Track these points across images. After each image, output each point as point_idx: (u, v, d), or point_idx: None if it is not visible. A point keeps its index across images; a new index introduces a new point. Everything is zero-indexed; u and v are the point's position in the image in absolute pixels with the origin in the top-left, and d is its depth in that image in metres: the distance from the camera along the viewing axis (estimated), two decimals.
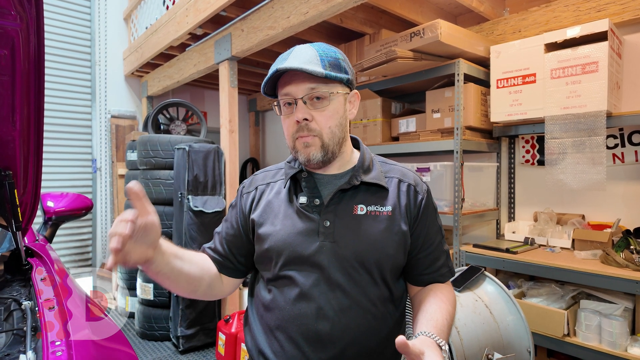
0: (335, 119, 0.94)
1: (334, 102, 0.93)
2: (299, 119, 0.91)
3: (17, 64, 0.95)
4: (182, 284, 0.93)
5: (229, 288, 1.07)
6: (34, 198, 1.22)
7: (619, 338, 1.81)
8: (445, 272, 1.04)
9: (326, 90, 0.91)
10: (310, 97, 0.91)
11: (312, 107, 0.91)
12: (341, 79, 0.92)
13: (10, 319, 0.92)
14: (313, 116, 0.92)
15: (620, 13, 2.22)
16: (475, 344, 1.53)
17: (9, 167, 1.10)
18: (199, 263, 0.98)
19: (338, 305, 0.91)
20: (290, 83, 0.91)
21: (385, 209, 0.96)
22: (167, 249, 0.87)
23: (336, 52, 0.96)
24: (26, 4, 0.89)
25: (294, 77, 0.91)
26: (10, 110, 1.00)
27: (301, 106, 0.91)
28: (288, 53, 0.94)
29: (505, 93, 2.38)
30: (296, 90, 0.91)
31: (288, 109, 0.94)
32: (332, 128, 0.93)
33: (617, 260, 1.89)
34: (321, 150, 0.93)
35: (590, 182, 2.12)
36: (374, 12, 2.91)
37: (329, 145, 0.94)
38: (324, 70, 0.89)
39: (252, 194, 1.06)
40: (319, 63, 0.90)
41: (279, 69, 0.88)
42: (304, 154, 0.94)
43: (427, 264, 1.01)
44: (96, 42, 4.38)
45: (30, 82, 0.98)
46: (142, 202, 0.76)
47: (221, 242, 1.07)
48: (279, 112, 0.97)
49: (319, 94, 0.91)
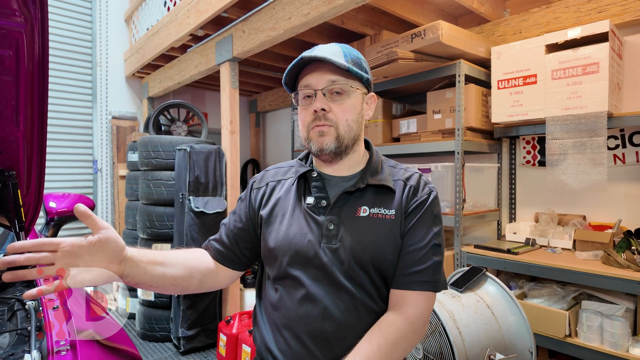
0: (352, 113, 0.96)
1: (352, 97, 0.95)
2: (317, 108, 0.93)
3: (22, 65, 0.95)
4: (169, 287, 0.93)
5: (227, 280, 1.07)
6: (37, 198, 1.22)
7: (620, 339, 1.81)
8: (422, 280, 0.93)
9: (346, 84, 0.93)
10: (330, 91, 0.93)
11: (331, 100, 0.94)
12: (361, 77, 0.95)
13: (13, 319, 0.92)
14: (331, 107, 0.94)
15: (620, 14, 2.22)
16: (477, 345, 1.53)
17: (12, 167, 1.10)
18: (185, 263, 0.97)
19: (344, 305, 0.92)
20: (312, 73, 0.94)
21: (389, 212, 0.96)
22: (142, 258, 0.86)
23: (359, 53, 1.00)
24: (31, 5, 0.89)
25: (317, 69, 0.94)
26: (14, 111, 1.00)
27: (320, 97, 0.93)
28: (311, 49, 0.97)
29: (506, 94, 2.39)
30: (317, 81, 0.93)
31: (306, 101, 0.96)
32: (349, 121, 0.95)
33: (619, 260, 1.89)
34: (335, 141, 0.94)
35: (591, 182, 2.12)
36: (375, 13, 2.92)
37: (344, 138, 0.95)
38: (347, 64, 0.91)
39: (263, 189, 1.07)
40: (343, 57, 0.93)
41: (304, 57, 0.91)
42: (318, 142, 0.95)
43: (403, 264, 0.94)
44: (97, 44, 4.39)
45: (34, 83, 0.99)
46: (92, 219, 0.77)
47: (227, 234, 1.07)
48: (296, 103, 0.99)
49: (338, 88, 0.93)
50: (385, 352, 0.85)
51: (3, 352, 0.77)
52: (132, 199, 3.70)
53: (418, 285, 0.93)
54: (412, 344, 0.91)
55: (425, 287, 0.93)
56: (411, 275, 0.93)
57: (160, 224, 3.20)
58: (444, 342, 1.51)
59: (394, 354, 0.87)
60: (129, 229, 3.69)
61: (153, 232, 3.21)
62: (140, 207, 3.32)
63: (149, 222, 3.21)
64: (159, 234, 3.21)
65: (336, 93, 0.94)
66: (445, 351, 1.50)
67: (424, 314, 0.93)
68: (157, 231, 3.20)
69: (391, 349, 0.86)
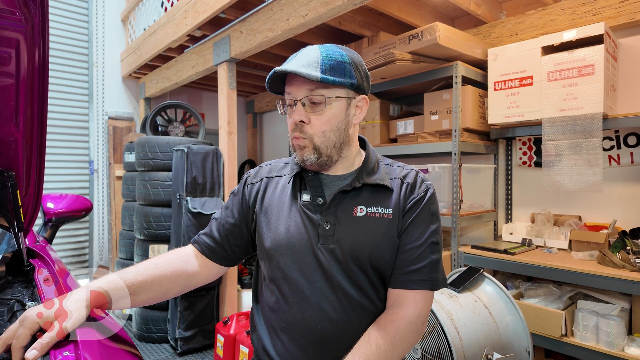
0: (332, 123, 0.93)
1: (331, 106, 0.92)
2: (295, 120, 0.93)
3: (22, 66, 0.95)
4: (151, 301, 0.94)
5: (212, 275, 1.06)
6: (35, 199, 1.22)
7: (616, 338, 1.83)
8: (420, 279, 0.92)
9: (323, 94, 0.91)
10: (309, 100, 0.92)
11: (310, 110, 0.92)
12: (341, 83, 0.91)
13: (13, 319, 0.92)
14: (310, 119, 0.93)
15: (615, 17, 2.25)
16: (475, 344, 1.54)
17: (11, 168, 1.10)
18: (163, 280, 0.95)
19: (341, 307, 0.91)
20: (292, 84, 0.93)
21: (386, 211, 0.95)
22: (113, 295, 0.85)
23: (344, 55, 0.94)
24: (32, 5, 0.89)
25: (295, 78, 0.92)
26: (14, 112, 1.00)
27: (299, 108, 0.92)
28: (295, 54, 0.96)
29: (503, 95, 2.40)
30: (296, 91, 0.92)
31: (290, 110, 0.96)
32: (326, 132, 0.93)
33: (614, 260, 1.91)
34: (314, 152, 0.94)
35: (587, 183, 2.14)
36: (372, 15, 2.93)
37: (321, 149, 0.94)
38: (320, 74, 0.88)
39: (258, 185, 1.06)
40: (318, 67, 0.90)
41: (275, 70, 0.90)
42: (299, 154, 0.96)
43: (401, 263, 0.94)
44: (94, 44, 4.38)
45: (34, 84, 0.99)
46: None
47: (218, 229, 1.06)
48: (281, 111, 0.99)
49: (314, 99, 0.91)
50: (385, 352, 0.85)
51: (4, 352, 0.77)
52: (129, 200, 3.69)
53: (416, 284, 0.92)
54: (412, 344, 0.91)
55: (423, 285, 0.92)
56: (409, 274, 0.93)
57: (157, 225, 3.19)
58: (442, 341, 1.52)
59: (393, 353, 0.86)
60: (126, 230, 3.68)
61: (150, 233, 3.20)
62: (138, 207, 3.32)
63: (146, 223, 3.20)
64: (156, 235, 3.20)
65: (313, 102, 0.92)
66: (444, 351, 1.51)
67: (422, 313, 0.92)
68: (154, 232, 3.19)
69: (390, 348, 0.86)
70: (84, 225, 4.46)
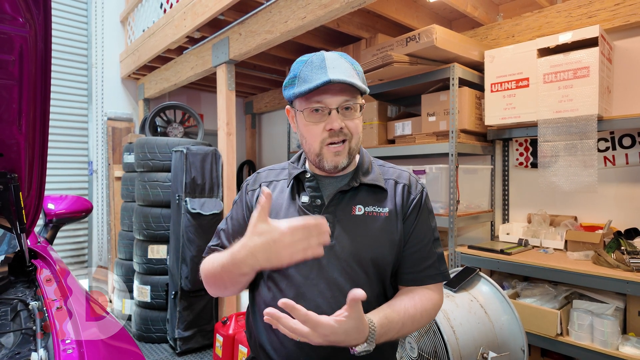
0: (360, 127, 0.99)
1: (359, 112, 0.98)
2: (335, 128, 0.93)
3: (25, 70, 0.96)
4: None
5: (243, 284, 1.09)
6: (37, 201, 1.24)
7: (610, 337, 1.85)
8: (433, 274, 1.00)
9: (357, 102, 0.96)
10: (342, 107, 0.94)
11: (344, 117, 0.95)
12: (365, 91, 0.97)
13: (17, 319, 0.94)
14: (346, 124, 0.95)
15: (610, 19, 2.27)
16: (470, 343, 1.56)
17: (14, 170, 1.11)
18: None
19: (336, 304, 0.93)
20: (327, 93, 0.93)
21: (383, 210, 0.99)
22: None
23: (356, 63, 1.00)
24: (34, 11, 0.91)
25: (331, 88, 0.92)
26: (17, 115, 1.01)
27: (336, 116, 0.93)
28: (321, 60, 0.95)
29: (499, 97, 2.43)
30: (331, 100, 0.93)
31: (315, 117, 0.95)
32: (359, 135, 0.99)
33: (609, 260, 1.94)
34: (347, 157, 0.97)
35: (582, 184, 2.17)
36: (370, 17, 2.95)
37: (354, 151, 0.98)
38: (364, 85, 0.94)
39: (257, 191, 1.08)
40: (357, 77, 0.95)
41: (332, 79, 0.88)
42: (333, 161, 0.96)
43: (413, 262, 1.00)
44: (93, 45, 4.39)
45: (36, 88, 1.00)
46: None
47: (228, 239, 1.08)
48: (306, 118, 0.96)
49: (351, 107, 0.95)
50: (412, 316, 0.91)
51: (9, 351, 0.79)
52: (128, 200, 3.71)
53: (431, 279, 1.00)
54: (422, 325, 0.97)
55: (437, 279, 1.01)
56: (423, 271, 1.00)
57: (156, 226, 3.21)
58: (438, 341, 1.54)
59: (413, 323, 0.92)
60: (125, 231, 3.69)
61: (149, 234, 3.21)
62: (137, 208, 3.33)
63: (145, 224, 3.22)
64: (155, 236, 3.21)
65: (346, 109, 0.95)
66: (440, 350, 1.53)
67: (438, 303, 1.00)
68: (154, 232, 3.21)
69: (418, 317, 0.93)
70: (83, 225, 4.47)
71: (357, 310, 0.76)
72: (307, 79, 0.92)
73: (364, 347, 0.81)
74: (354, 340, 0.79)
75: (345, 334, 0.77)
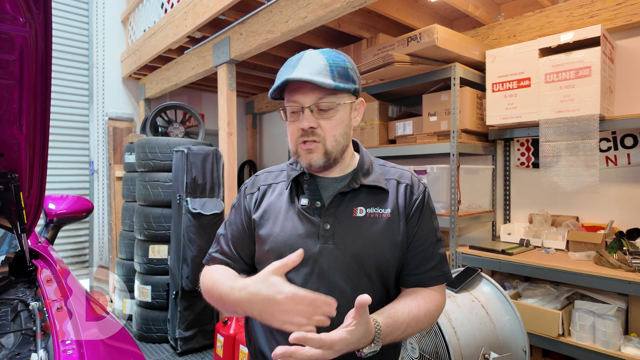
0: (340, 127, 0.95)
1: (340, 111, 0.94)
2: (304, 127, 0.92)
3: (25, 70, 0.96)
4: None
5: None
6: (38, 201, 1.23)
7: (612, 338, 1.85)
8: (436, 275, 0.99)
9: (333, 100, 0.92)
10: (317, 106, 0.92)
11: (319, 116, 0.93)
12: (349, 90, 0.93)
13: (17, 319, 0.94)
14: (319, 124, 0.93)
15: (612, 19, 2.26)
16: (472, 344, 1.56)
17: (15, 170, 1.11)
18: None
19: (337, 308, 0.92)
20: (299, 91, 0.92)
21: (384, 211, 0.97)
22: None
23: (345, 60, 0.95)
24: (35, 11, 0.91)
25: (303, 86, 0.91)
26: (17, 115, 1.01)
27: (308, 115, 0.92)
28: (297, 59, 0.94)
29: (501, 97, 2.42)
30: (304, 99, 0.92)
31: (293, 116, 0.95)
32: (336, 136, 0.95)
33: (611, 261, 1.93)
34: (324, 156, 0.94)
35: (584, 184, 2.16)
36: (371, 17, 2.95)
37: (331, 153, 0.95)
38: (333, 82, 0.89)
39: (256, 194, 1.07)
40: (329, 74, 0.90)
41: (288, 79, 0.88)
42: (306, 159, 0.95)
43: (416, 264, 0.99)
44: (94, 45, 4.39)
45: (37, 88, 1.00)
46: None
47: (227, 244, 1.06)
48: (284, 118, 0.97)
49: (325, 106, 0.92)
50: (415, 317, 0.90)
51: (9, 352, 0.79)
52: (129, 200, 3.71)
53: (434, 280, 0.99)
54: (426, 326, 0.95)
55: (440, 280, 1.00)
56: (426, 272, 0.99)
57: (157, 226, 3.21)
58: (439, 341, 1.54)
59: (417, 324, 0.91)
60: (126, 231, 3.69)
61: (150, 234, 3.21)
62: (138, 208, 3.33)
63: (146, 224, 3.22)
64: (156, 235, 3.22)
65: (322, 109, 0.92)
66: (441, 350, 1.53)
67: (441, 305, 0.99)
68: (154, 232, 3.21)
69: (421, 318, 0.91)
70: (84, 225, 4.48)
71: (364, 315, 0.76)
72: (278, 78, 0.92)
73: (371, 349, 0.81)
74: (363, 344, 0.79)
75: (357, 341, 0.77)
